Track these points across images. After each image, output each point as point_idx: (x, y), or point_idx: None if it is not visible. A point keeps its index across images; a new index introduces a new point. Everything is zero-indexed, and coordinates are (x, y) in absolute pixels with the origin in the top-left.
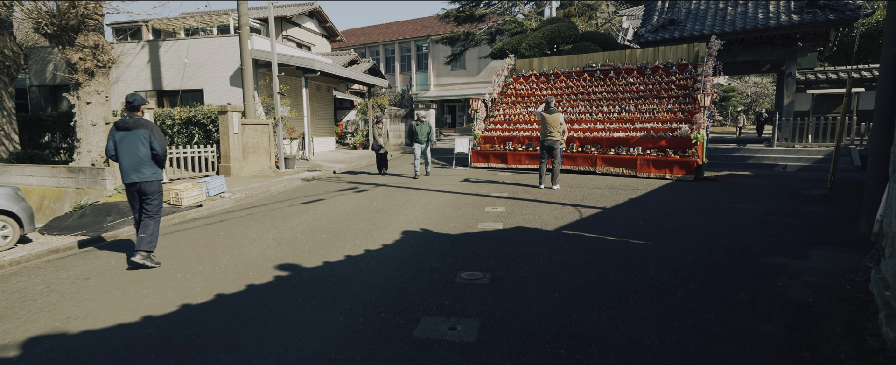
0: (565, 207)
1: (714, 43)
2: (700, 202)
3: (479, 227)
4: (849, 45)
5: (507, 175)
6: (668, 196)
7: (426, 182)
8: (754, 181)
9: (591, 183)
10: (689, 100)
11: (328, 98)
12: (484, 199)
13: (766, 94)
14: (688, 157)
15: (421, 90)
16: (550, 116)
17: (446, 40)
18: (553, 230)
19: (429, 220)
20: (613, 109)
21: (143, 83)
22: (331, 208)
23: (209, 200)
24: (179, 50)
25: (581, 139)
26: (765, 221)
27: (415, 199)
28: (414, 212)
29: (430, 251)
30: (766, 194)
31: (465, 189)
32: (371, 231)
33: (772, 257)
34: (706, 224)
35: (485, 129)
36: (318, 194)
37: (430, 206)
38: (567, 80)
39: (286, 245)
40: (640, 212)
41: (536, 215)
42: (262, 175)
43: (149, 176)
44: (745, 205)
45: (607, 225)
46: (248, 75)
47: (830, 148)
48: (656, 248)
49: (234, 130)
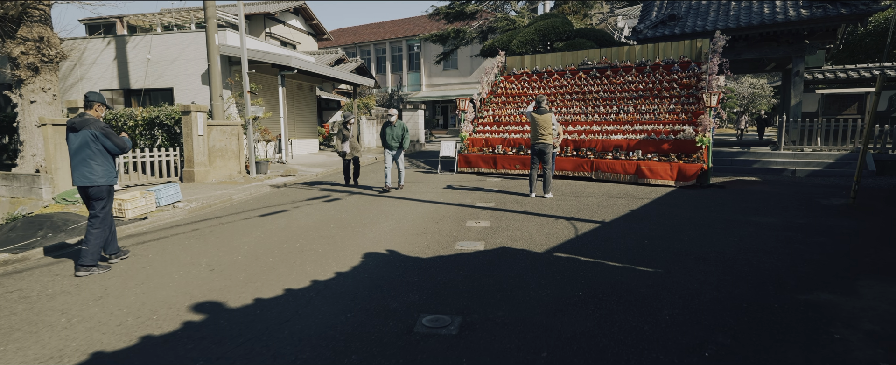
0: (558, 221)
1: (719, 38)
2: (710, 214)
3: (457, 247)
4: (855, 43)
5: (495, 181)
6: (674, 207)
7: (405, 190)
8: (765, 188)
9: (586, 191)
10: (692, 100)
11: (310, 98)
12: (467, 210)
13: (764, 95)
14: (692, 162)
15: (412, 90)
16: (541, 117)
17: (436, 38)
18: (543, 252)
19: (399, 237)
20: (611, 110)
21: (108, 81)
22: (291, 222)
23: (159, 210)
24: (148, 46)
25: (576, 142)
26: (790, 239)
27: (389, 210)
28: (384, 227)
29: (391, 282)
30: (782, 204)
31: (447, 198)
32: (328, 253)
33: (813, 293)
34: (722, 243)
35: (473, 130)
36: (282, 204)
37: (404, 219)
38: (561, 78)
39: (220, 273)
40: (643, 227)
41: (524, 232)
42: (230, 181)
43: (97, 179)
44: (762, 218)
45: (607, 245)
46: (215, 72)
47: (842, 152)
48: (668, 278)
49: (198, 132)
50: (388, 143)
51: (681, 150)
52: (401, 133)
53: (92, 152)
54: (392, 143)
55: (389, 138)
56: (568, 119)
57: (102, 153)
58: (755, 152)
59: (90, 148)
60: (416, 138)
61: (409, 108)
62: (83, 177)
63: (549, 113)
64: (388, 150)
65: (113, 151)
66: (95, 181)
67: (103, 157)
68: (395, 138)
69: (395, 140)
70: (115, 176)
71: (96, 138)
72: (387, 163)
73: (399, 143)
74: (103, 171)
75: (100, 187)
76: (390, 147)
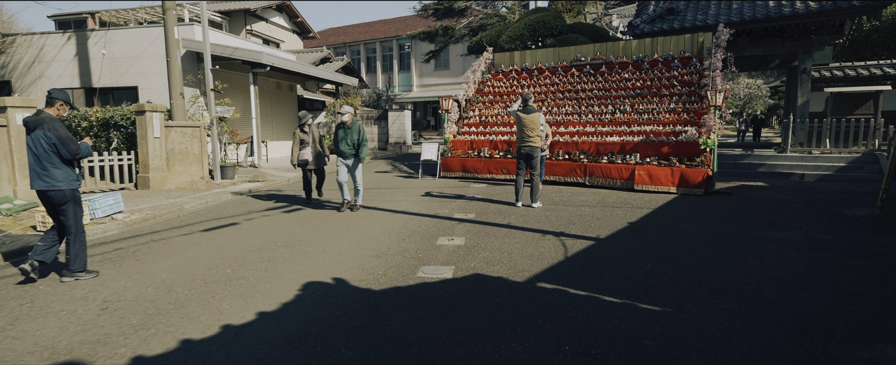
0: (545, 238)
1: (722, 32)
2: (720, 228)
3: (420, 274)
4: (861, 40)
5: (480, 188)
6: (678, 218)
7: (377, 198)
8: (775, 195)
9: (579, 199)
10: (694, 98)
11: (291, 98)
12: (442, 224)
13: (760, 95)
14: (696, 167)
15: (403, 91)
16: (528, 117)
17: (424, 36)
18: (524, 281)
19: (353, 260)
20: (606, 110)
21: (69, 80)
22: (234, 239)
23: (92, 224)
24: (111, 42)
25: (568, 145)
26: (821, 262)
27: (353, 224)
28: (341, 246)
29: (323, 329)
30: (799, 215)
31: (422, 208)
32: (260, 283)
33: (875, 346)
34: (741, 268)
35: (457, 132)
36: (235, 215)
37: (367, 235)
38: (552, 75)
39: (111, 315)
40: (644, 245)
41: (504, 253)
42: (190, 187)
43: (56, 183)
44: (781, 232)
45: (602, 270)
46: (174, 68)
47: (853, 154)
48: (680, 322)
49: (154, 134)
50: (341, 150)
51: (682, 153)
52: (357, 137)
53: (47, 154)
54: (345, 149)
55: (342, 143)
56: (560, 119)
57: (59, 155)
58: (760, 155)
59: (45, 150)
60: (403, 140)
61: (395, 109)
62: (41, 180)
63: (537, 112)
64: (341, 159)
65: (64, 155)
66: (54, 185)
67: (60, 159)
68: (350, 144)
69: (349, 146)
70: (76, 179)
71: (48, 139)
72: (340, 175)
73: (355, 150)
74: (63, 174)
75: (61, 192)
76: (343, 154)
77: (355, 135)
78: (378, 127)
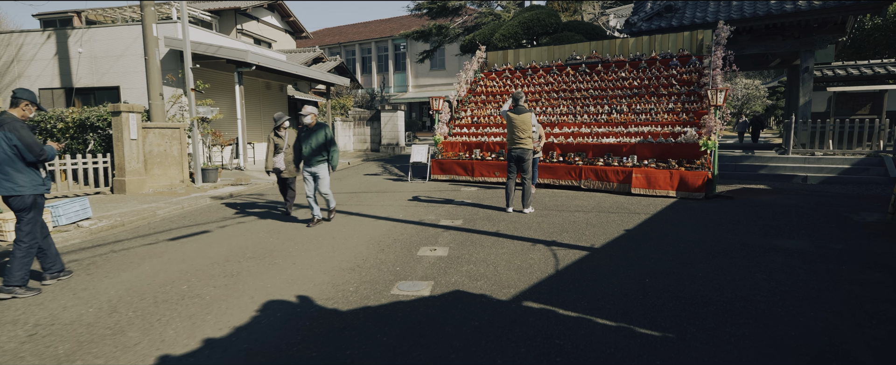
0: (535, 247)
1: (723, 29)
2: (723, 237)
3: (394, 291)
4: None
5: (470, 191)
6: (678, 225)
7: (361, 203)
8: (778, 199)
9: (573, 203)
10: (694, 98)
11: (281, 98)
12: (426, 231)
13: (758, 95)
14: (696, 170)
15: (399, 91)
16: (519, 117)
17: (418, 35)
18: (509, 299)
19: (324, 275)
20: (602, 110)
21: (49, 79)
22: (201, 249)
23: (57, 231)
24: (92, 40)
25: (562, 146)
26: (836, 276)
27: (332, 232)
28: (314, 257)
29: (272, 363)
30: (806, 221)
31: (407, 214)
32: (215, 302)
33: None
34: (749, 283)
35: (448, 133)
36: (209, 222)
37: (344, 245)
38: (547, 74)
39: (39, 342)
40: (642, 256)
41: (490, 265)
42: (169, 191)
43: (18, 188)
44: (789, 241)
45: (596, 286)
46: (153, 67)
47: (858, 156)
48: (684, 351)
49: (130, 136)
50: (305, 156)
51: (682, 155)
52: (322, 140)
53: (8, 157)
54: (309, 156)
55: (304, 149)
56: (554, 120)
57: (21, 158)
58: (761, 156)
59: (6, 153)
60: (396, 141)
61: (388, 109)
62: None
63: (529, 112)
64: (306, 169)
65: (27, 158)
66: (16, 190)
67: (23, 162)
68: (315, 149)
69: (314, 152)
70: (43, 184)
71: (10, 141)
72: (307, 188)
73: (322, 156)
74: (26, 178)
75: (21, 197)
76: (308, 163)
77: (321, 138)
78: (370, 128)
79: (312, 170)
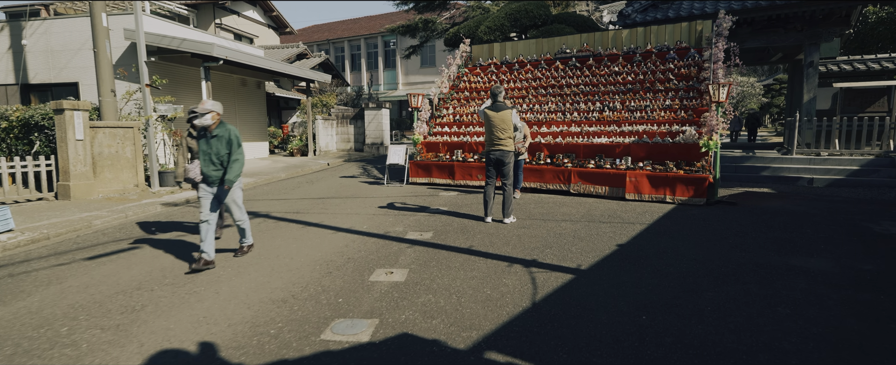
0: (511, 269)
1: (724, 19)
2: (732, 254)
3: (326, 335)
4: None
5: (449, 197)
6: (678, 239)
7: (327, 210)
8: (787, 205)
9: (561, 210)
10: (693, 94)
11: (258, 95)
12: (389, 247)
13: (754, 93)
14: (696, 173)
15: (389, 89)
16: (498, 115)
17: (404, 30)
18: (468, 349)
19: (248, 308)
20: (593, 107)
21: (3, 75)
22: (114, 271)
23: None
24: (48, 33)
25: (550, 147)
26: (875, 310)
27: (278, 248)
28: (244, 283)
29: None
30: (823, 233)
31: (373, 224)
32: (90, 354)
33: None
34: (771, 322)
35: (428, 132)
36: (143, 236)
37: (287, 265)
38: (534, 69)
39: None
40: (637, 281)
41: (453, 294)
42: (121, 197)
43: None
44: (807, 259)
45: (580, 327)
46: (103, 61)
47: (867, 157)
48: None
49: (76, 136)
50: (204, 166)
51: (680, 156)
52: (225, 149)
53: None
54: (209, 169)
55: (207, 158)
56: (542, 118)
57: None
58: (762, 157)
59: None
60: (380, 140)
61: (372, 107)
62: None
63: (509, 109)
64: (203, 186)
65: None
66: None
67: None
68: (217, 161)
69: (215, 164)
70: None
71: None
72: (202, 212)
73: (223, 170)
74: None
75: None
76: (207, 178)
77: (222, 145)
78: (354, 127)
79: (212, 189)
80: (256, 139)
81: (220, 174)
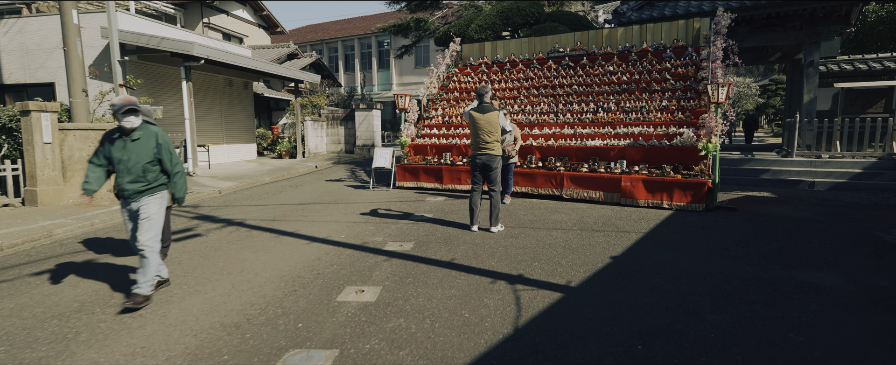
0: (495, 287)
1: (723, 16)
2: (735, 267)
3: None
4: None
5: (435, 202)
6: (676, 250)
7: (305, 217)
8: (789, 211)
9: (552, 218)
10: (691, 94)
11: (246, 96)
12: (364, 260)
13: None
14: (694, 177)
15: (383, 89)
16: (483, 117)
17: (396, 29)
18: None
19: (194, 336)
20: (587, 108)
21: None
22: (53, 292)
23: None
24: (23, 31)
25: (542, 149)
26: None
27: (244, 260)
28: (196, 303)
29: None
30: (830, 243)
31: (351, 233)
32: None
33: None
34: (787, 355)
35: (416, 134)
36: (104, 247)
37: (249, 282)
38: (526, 69)
39: None
40: (632, 300)
41: (427, 317)
42: (92, 203)
43: None
44: (816, 274)
45: (567, 357)
46: (73, 59)
47: (869, 159)
48: None
49: (43, 139)
50: (118, 184)
51: (678, 159)
52: (150, 156)
53: None
54: (127, 182)
55: (119, 170)
56: (534, 120)
57: None
58: (761, 159)
59: None
60: (371, 142)
61: (363, 108)
62: None
63: (496, 111)
64: (125, 205)
65: None
66: None
67: None
68: (138, 171)
69: (138, 176)
70: None
71: None
72: (131, 235)
73: (154, 185)
74: None
75: None
76: (125, 192)
77: (147, 153)
78: (344, 128)
79: (135, 205)
80: (243, 141)
81: (141, 188)
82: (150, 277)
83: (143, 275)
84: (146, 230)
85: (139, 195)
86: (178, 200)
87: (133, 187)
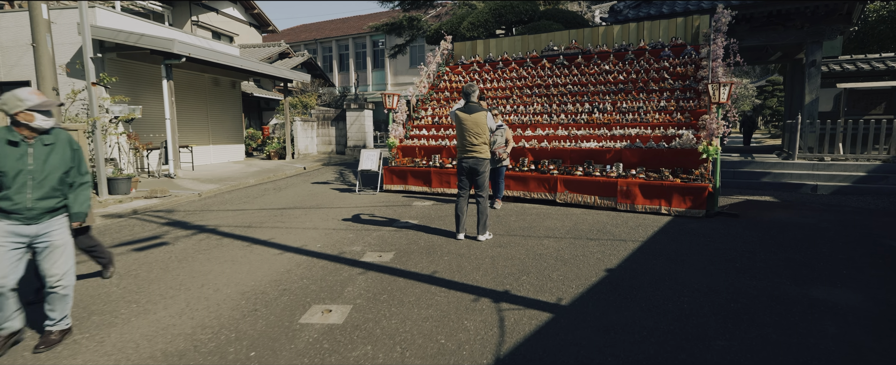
0: (477, 305)
1: (723, 14)
2: (742, 282)
3: None
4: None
5: (423, 207)
6: (676, 261)
7: (283, 222)
8: (794, 217)
9: (544, 224)
10: (690, 94)
11: (233, 95)
12: (338, 273)
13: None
14: (694, 182)
15: (378, 89)
16: (470, 117)
17: (389, 28)
18: None
19: None
20: (582, 109)
21: None
22: None
23: None
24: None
25: (535, 152)
26: None
27: (209, 272)
28: (141, 325)
29: None
30: (840, 253)
31: (328, 242)
32: None
33: None
34: None
35: (405, 135)
36: None
37: (207, 299)
38: (520, 68)
39: None
40: (629, 321)
41: (398, 343)
42: None
43: None
44: (830, 290)
45: None
46: (43, 57)
47: (874, 162)
48: None
49: None
50: (14, 203)
51: (677, 163)
52: (62, 165)
53: None
54: (28, 198)
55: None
56: (527, 121)
57: None
58: (762, 162)
59: None
60: (363, 143)
61: (354, 108)
62: None
63: (483, 112)
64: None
65: None
66: None
67: None
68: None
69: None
70: None
71: None
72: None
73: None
74: None
75: None
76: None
77: (58, 162)
78: (335, 129)
79: (36, 230)
80: (230, 142)
81: (53, 205)
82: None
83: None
84: (64, 261)
85: (48, 216)
86: (77, 216)
87: (43, 206)
